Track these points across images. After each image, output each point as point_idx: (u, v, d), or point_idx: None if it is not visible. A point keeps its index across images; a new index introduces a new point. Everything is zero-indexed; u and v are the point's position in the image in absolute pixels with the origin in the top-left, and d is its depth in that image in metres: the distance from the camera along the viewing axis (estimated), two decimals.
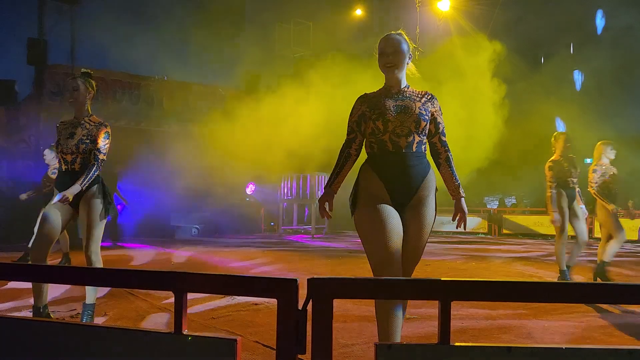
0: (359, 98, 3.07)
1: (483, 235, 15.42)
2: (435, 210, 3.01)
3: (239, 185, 14.64)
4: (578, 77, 18.82)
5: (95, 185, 4.11)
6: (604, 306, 5.00)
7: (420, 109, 2.95)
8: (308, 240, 12.94)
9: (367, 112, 2.98)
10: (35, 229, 5.76)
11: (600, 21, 17.99)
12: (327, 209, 3.00)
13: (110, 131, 4.23)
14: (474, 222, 16.11)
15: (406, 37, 3.10)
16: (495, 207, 17.23)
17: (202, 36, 14.56)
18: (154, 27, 13.46)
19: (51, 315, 4.19)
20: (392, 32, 3.11)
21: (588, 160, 17.55)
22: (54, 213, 4.09)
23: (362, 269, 7.70)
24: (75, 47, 13.33)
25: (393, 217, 2.83)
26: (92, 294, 4.20)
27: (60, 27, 13.33)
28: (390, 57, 2.99)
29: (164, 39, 14.03)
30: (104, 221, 4.14)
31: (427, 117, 2.95)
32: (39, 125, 12.91)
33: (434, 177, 3.01)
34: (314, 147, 12.65)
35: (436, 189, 3.02)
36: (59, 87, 13.21)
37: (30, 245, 3.96)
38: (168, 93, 15.34)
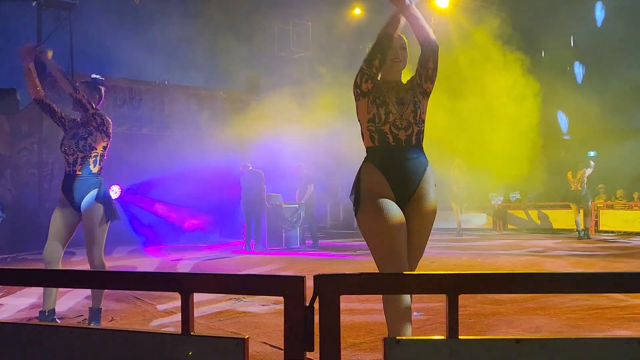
0: None
1: (488, 232, 15.40)
2: (436, 206, 3.00)
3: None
4: (579, 69, 18.74)
5: (94, 189, 4.11)
6: (613, 296, 4.98)
7: (414, 98, 2.95)
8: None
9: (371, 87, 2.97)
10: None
11: (600, 13, 17.92)
12: None
13: (110, 121, 4.33)
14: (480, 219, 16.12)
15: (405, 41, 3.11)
16: (500, 202, 17.14)
17: (201, 39, 14.57)
18: (153, 32, 13.44)
19: (57, 320, 4.20)
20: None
21: (591, 153, 17.56)
22: (59, 219, 4.12)
23: (367, 268, 7.70)
24: (74, 54, 13.34)
25: (397, 213, 2.82)
26: (98, 298, 4.21)
27: (59, 34, 13.35)
28: (399, 50, 3.00)
29: (164, 43, 14.03)
30: (106, 225, 4.14)
31: (419, 104, 2.96)
32: (41, 133, 12.92)
33: (433, 171, 3.00)
34: (318, 149, 12.67)
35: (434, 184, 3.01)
36: (60, 94, 13.22)
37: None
38: (169, 97, 15.35)
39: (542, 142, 14.57)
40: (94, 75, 4.36)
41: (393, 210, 2.82)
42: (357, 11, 17.75)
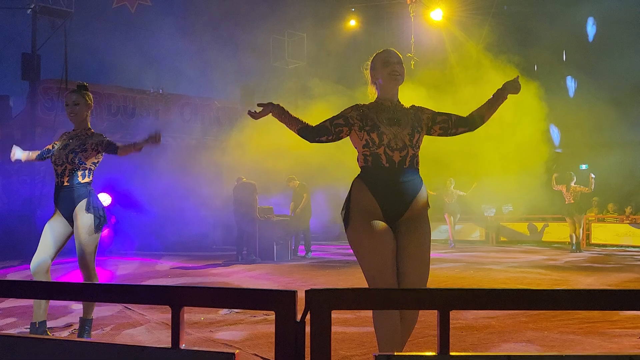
0: (351, 106, 3.03)
1: (480, 244, 15.41)
2: (429, 227, 2.99)
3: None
4: (571, 83, 18.88)
5: (84, 199, 4.07)
6: (603, 312, 4.99)
7: (413, 121, 2.95)
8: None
9: (354, 118, 2.94)
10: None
11: (591, 28, 18.11)
12: (255, 111, 3.04)
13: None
14: (471, 230, 16.15)
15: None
16: (492, 214, 17.18)
17: (196, 48, 14.61)
18: (147, 41, 13.47)
19: (48, 332, 4.15)
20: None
21: (583, 167, 17.67)
22: (50, 230, 4.09)
23: (360, 279, 7.67)
24: (68, 62, 13.33)
25: (385, 230, 2.82)
26: (89, 309, 4.17)
27: (53, 42, 13.35)
28: (396, 65, 2.99)
29: (159, 52, 14.05)
30: (97, 235, 4.10)
31: (419, 129, 2.95)
32: (34, 140, 12.88)
33: (426, 194, 3.01)
34: (313, 160, 12.66)
35: (428, 206, 3.00)
36: (53, 101, 13.21)
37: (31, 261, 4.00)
38: (164, 106, 15.34)
39: (536, 155, 14.64)
40: (79, 83, 4.35)
41: (379, 227, 2.82)
42: (352, 23, 17.85)
